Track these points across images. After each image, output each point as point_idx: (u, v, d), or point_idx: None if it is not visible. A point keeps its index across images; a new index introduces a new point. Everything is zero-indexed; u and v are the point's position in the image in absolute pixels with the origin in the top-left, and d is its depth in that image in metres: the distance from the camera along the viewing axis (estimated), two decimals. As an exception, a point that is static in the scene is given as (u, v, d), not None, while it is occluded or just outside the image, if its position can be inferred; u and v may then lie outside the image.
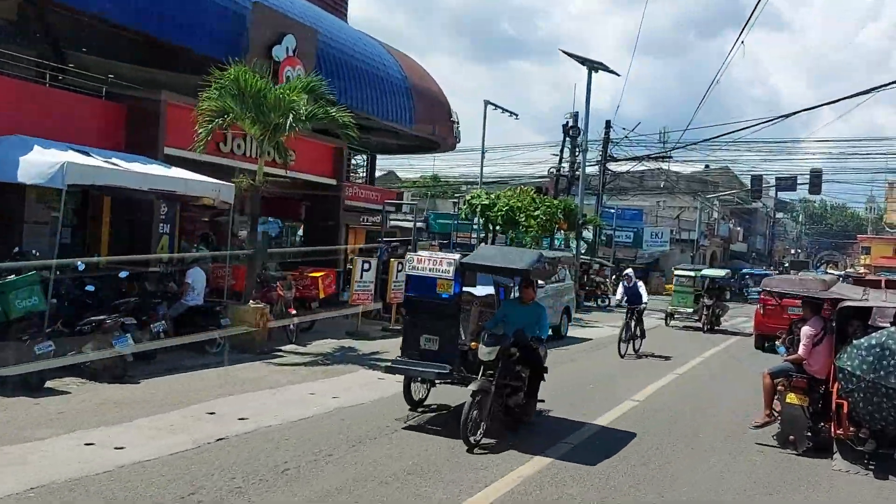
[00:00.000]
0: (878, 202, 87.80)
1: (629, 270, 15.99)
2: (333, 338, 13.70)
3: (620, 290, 15.07)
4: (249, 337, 11.51)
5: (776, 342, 9.52)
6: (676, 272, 22.28)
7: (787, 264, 60.64)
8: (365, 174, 20.79)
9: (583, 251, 29.58)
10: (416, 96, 21.35)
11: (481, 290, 9.47)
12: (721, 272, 22.12)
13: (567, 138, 29.99)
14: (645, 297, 14.82)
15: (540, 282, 13.33)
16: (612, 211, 40.42)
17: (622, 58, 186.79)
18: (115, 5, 12.61)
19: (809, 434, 7.35)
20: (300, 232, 21.91)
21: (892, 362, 6.40)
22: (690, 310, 20.68)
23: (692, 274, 21.77)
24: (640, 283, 15.11)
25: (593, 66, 26.72)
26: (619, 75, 25.86)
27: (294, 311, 13.20)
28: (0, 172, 9.89)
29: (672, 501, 5.99)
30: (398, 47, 22.72)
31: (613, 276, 30.93)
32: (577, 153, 29.66)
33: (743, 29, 25.42)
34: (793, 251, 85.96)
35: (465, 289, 8.04)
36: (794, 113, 16.85)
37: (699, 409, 9.90)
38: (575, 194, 31.44)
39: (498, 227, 21.38)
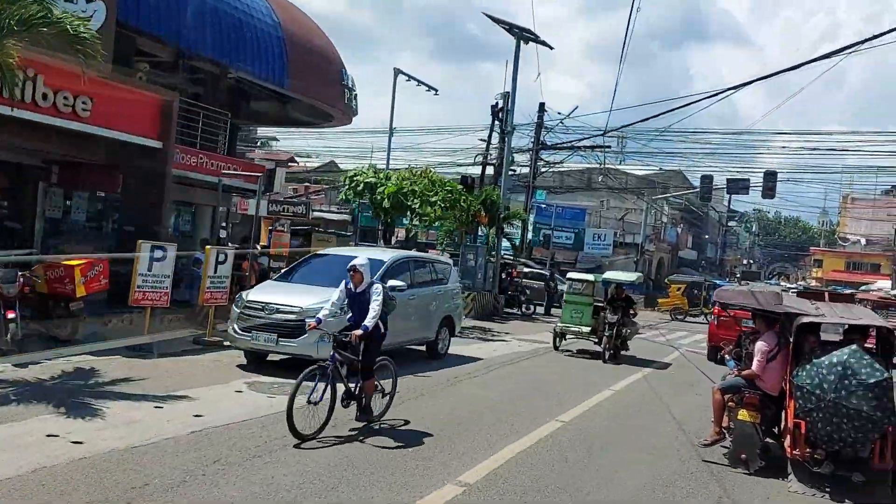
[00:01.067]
0: (830, 216, 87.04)
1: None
2: (105, 354, 9.58)
3: None
4: None
5: (724, 354, 8.90)
6: (570, 276, 16.41)
7: (738, 275, 58.25)
8: (225, 142, 16.63)
9: (508, 251, 25.62)
10: (291, 48, 17.19)
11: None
12: (630, 276, 16.31)
13: (496, 122, 26.05)
14: None
15: (395, 282, 9.74)
16: (551, 208, 36.78)
17: (586, 65, 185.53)
18: None
19: (761, 452, 7.06)
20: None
21: (853, 382, 6.23)
22: (587, 329, 14.91)
23: (590, 279, 15.82)
24: None
25: (522, 35, 22.87)
26: (552, 48, 22.05)
27: (13, 315, 8.95)
28: None
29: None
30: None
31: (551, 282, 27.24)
32: (509, 141, 25.80)
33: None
34: (745, 261, 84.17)
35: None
36: (733, 88, 13.98)
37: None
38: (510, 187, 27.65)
39: (384, 213, 17.27)
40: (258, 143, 63.02)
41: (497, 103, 25.86)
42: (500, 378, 11.19)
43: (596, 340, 14.72)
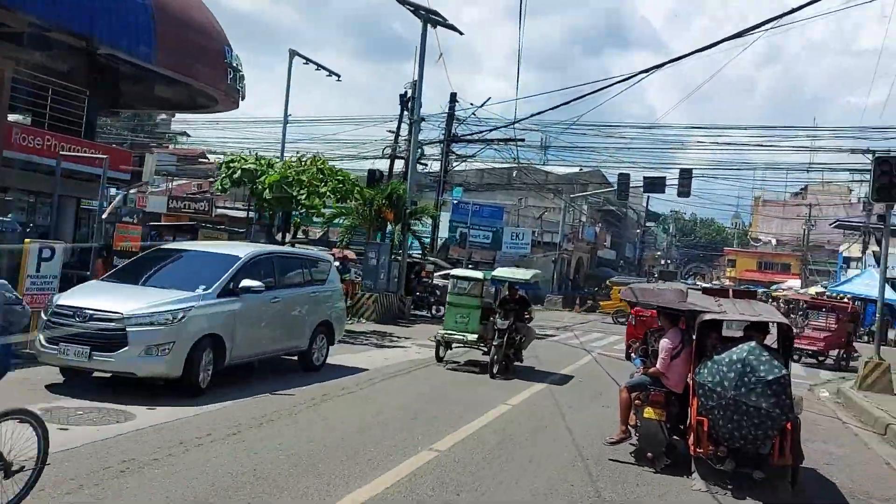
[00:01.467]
0: (742, 218, 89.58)
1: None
2: None
3: None
4: None
5: (631, 352, 9.01)
6: (453, 274, 13.65)
7: (656, 274, 58.75)
8: (83, 121, 14.44)
9: (415, 249, 24.08)
10: (161, 18, 15.13)
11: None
12: (525, 273, 13.29)
13: (405, 111, 24.52)
14: None
15: (250, 281, 8.10)
16: (468, 206, 35.48)
17: (511, 69, 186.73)
18: None
19: (666, 450, 7.04)
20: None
21: (752, 379, 6.21)
22: (473, 336, 12.48)
23: (477, 276, 13.11)
24: None
25: (429, 18, 21.38)
26: (461, 33, 20.52)
27: None
28: None
29: None
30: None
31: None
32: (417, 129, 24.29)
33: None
34: (663, 261, 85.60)
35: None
36: (644, 72, 13.07)
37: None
38: (421, 184, 26.18)
39: (266, 205, 15.40)
40: (168, 138, 59.62)
41: (406, 92, 24.36)
42: (375, 395, 9.52)
43: (485, 350, 12.41)
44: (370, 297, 19.72)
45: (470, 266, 26.19)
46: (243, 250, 9.61)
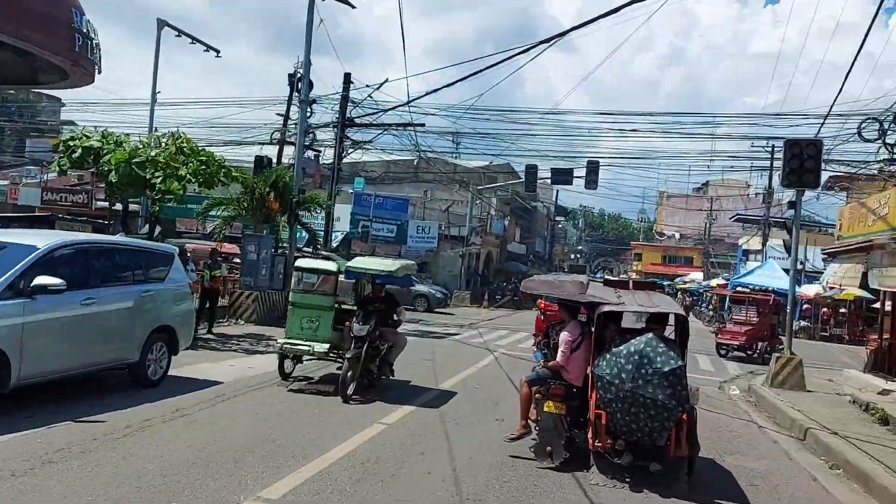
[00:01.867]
0: (647, 213, 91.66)
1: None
2: None
3: None
4: None
5: (534, 346, 9.02)
6: (298, 265, 10.40)
7: (566, 269, 58.75)
8: None
9: (302, 242, 22.09)
10: (-19, -33, 12.63)
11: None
12: (390, 265, 10.28)
13: (295, 93, 22.45)
14: None
15: (47, 279, 7.08)
16: (370, 198, 33.65)
17: (425, 63, 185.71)
18: None
19: (566, 444, 6.85)
20: None
21: (650, 370, 6.18)
22: (324, 346, 9.66)
23: (328, 268, 10.02)
24: None
25: (318, -12, 19.46)
26: (353, 7, 18.47)
27: None
28: None
29: None
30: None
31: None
32: (308, 112, 22.32)
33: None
34: (572, 256, 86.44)
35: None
36: (541, 42, 11.98)
37: None
38: (309, 171, 24.14)
39: (116, 190, 13.16)
40: (50, 126, 54.96)
41: (296, 72, 22.33)
42: (214, 419, 7.48)
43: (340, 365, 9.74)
44: (250, 296, 17.69)
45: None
46: (44, 239, 7.54)
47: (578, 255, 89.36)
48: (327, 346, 9.63)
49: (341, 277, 10.20)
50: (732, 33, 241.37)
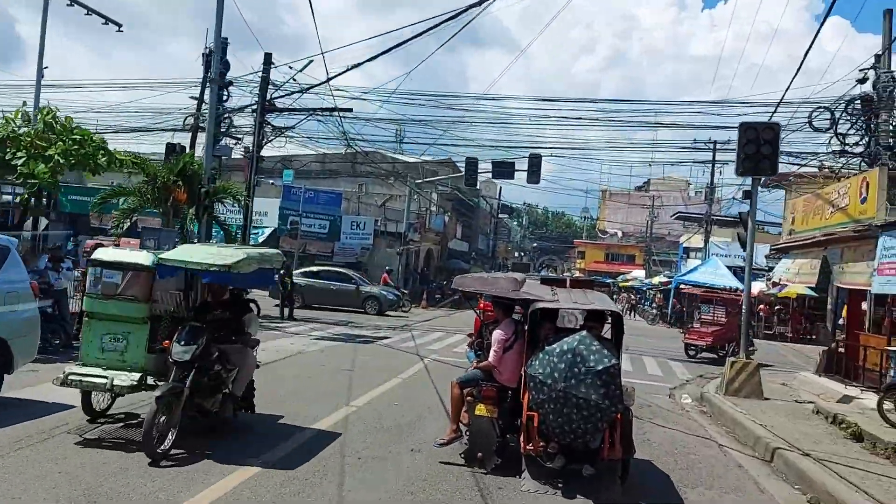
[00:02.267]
0: (591, 212, 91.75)
1: None
2: None
3: None
4: None
5: (467, 346, 8.62)
6: (94, 258, 7.04)
7: (510, 267, 57.66)
8: None
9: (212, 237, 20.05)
10: None
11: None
12: (225, 257, 6.65)
13: (209, 73, 20.39)
14: None
15: None
16: (300, 191, 31.63)
17: (370, 61, 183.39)
18: None
19: (498, 449, 6.62)
20: None
21: (583, 369, 5.95)
22: (134, 376, 6.60)
23: (141, 262, 6.89)
24: None
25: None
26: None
27: None
28: None
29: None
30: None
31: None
32: (226, 95, 20.32)
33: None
34: (516, 254, 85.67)
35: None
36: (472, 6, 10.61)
37: None
38: (229, 160, 22.13)
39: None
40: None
41: (208, 50, 20.29)
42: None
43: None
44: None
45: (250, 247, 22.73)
46: None
47: (522, 254, 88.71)
48: (137, 376, 6.52)
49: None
50: (671, 35, 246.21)
